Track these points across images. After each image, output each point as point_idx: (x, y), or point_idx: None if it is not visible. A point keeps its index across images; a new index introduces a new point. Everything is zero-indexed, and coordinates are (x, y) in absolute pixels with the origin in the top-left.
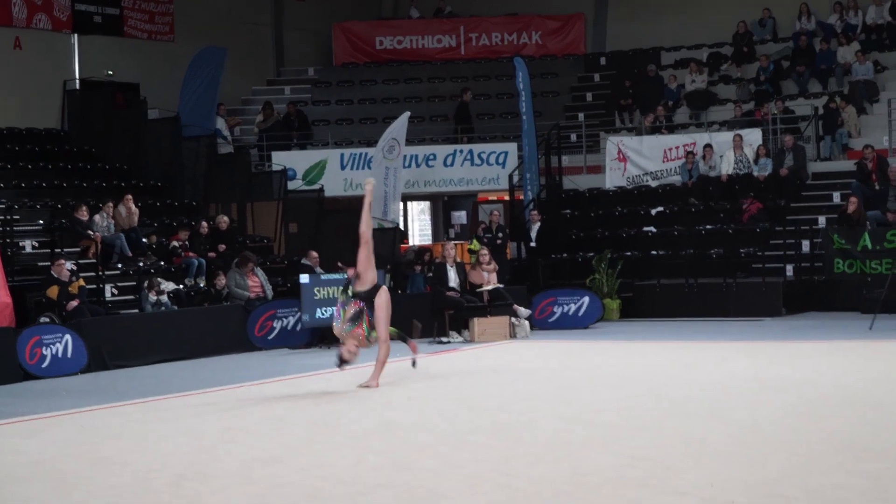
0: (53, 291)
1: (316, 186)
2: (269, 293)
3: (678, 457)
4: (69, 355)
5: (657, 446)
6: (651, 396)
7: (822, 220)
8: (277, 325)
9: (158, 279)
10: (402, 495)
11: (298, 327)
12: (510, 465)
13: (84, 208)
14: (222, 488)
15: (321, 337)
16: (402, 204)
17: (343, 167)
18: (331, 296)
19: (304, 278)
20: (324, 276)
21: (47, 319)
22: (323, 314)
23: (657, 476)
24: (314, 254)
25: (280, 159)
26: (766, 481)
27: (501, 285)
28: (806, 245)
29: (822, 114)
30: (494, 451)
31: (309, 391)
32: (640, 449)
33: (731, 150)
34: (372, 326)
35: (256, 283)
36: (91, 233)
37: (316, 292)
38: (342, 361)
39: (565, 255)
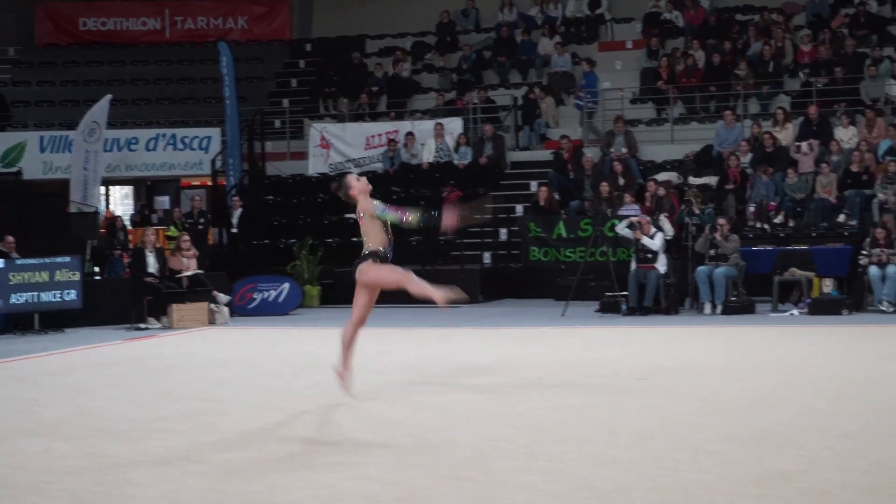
0: None
1: (14, 169)
2: None
3: (369, 439)
4: None
5: (350, 431)
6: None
7: (519, 208)
8: None
9: None
10: (89, 483)
11: None
12: (200, 451)
13: None
14: None
15: (15, 323)
16: (103, 188)
17: (42, 150)
18: (27, 281)
19: None
20: (19, 261)
21: None
22: (18, 300)
23: (346, 461)
24: (10, 238)
25: None
26: (454, 465)
27: (202, 271)
28: (503, 233)
29: (522, 104)
30: (185, 437)
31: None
32: (332, 434)
33: (432, 138)
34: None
35: None
36: None
37: (11, 277)
38: None
39: (267, 241)
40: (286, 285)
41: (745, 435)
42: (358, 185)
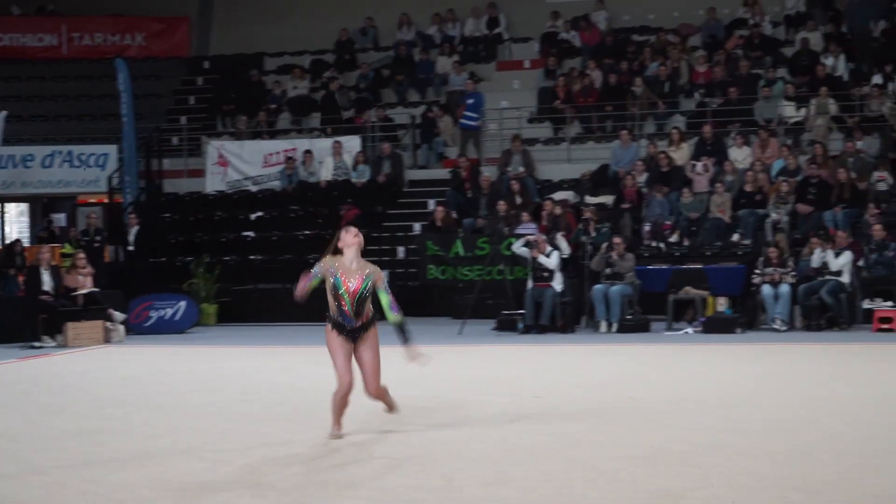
0: None
1: None
2: None
3: (263, 459)
4: None
5: (243, 450)
6: (241, 401)
7: (417, 226)
8: None
9: None
10: None
11: None
12: (93, 470)
13: None
14: None
15: None
16: None
17: None
18: None
19: None
20: None
21: None
22: None
23: (243, 479)
24: None
25: None
26: (348, 484)
27: (97, 289)
28: (401, 251)
29: (420, 122)
30: (79, 456)
31: None
32: (225, 453)
33: (330, 156)
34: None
35: None
36: None
37: None
38: None
39: (164, 259)
40: (182, 303)
41: (638, 453)
42: (345, 238)
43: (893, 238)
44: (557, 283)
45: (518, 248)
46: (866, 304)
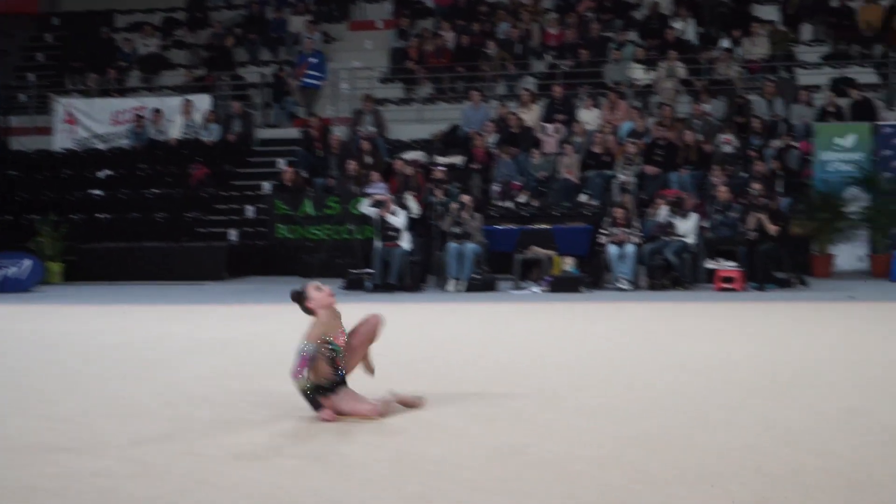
0: None
1: None
2: None
3: (105, 417)
4: None
5: (87, 409)
6: (79, 360)
7: (266, 185)
8: None
9: None
10: None
11: None
12: None
13: None
14: None
15: None
16: None
17: None
18: None
19: None
20: None
21: None
22: None
23: (83, 438)
24: None
25: None
26: (194, 440)
27: None
28: (250, 210)
29: (272, 82)
30: None
31: None
32: (66, 412)
33: (180, 114)
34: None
35: None
36: None
37: None
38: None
39: (10, 217)
40: (28, 262)
41: (480, 411)
42: (318, 297)
43: (737, 200)
44: (405, 243)
45: (366, 207)
46: (709, 265)
